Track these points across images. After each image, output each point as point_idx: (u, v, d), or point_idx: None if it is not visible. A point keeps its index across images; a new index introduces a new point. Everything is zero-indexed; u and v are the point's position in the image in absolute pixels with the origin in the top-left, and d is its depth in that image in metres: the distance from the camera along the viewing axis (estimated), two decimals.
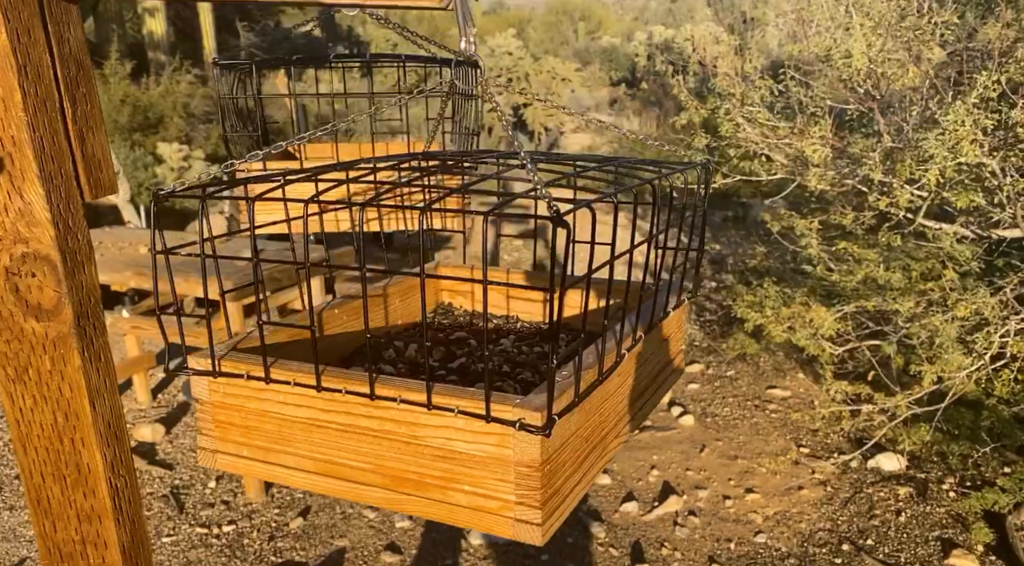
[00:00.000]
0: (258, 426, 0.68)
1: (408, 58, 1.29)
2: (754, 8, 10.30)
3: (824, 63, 3.25)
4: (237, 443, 0.69)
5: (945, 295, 2.62)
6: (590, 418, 0.67)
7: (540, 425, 0.56)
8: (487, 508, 0.61)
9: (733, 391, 4.46)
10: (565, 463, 0.62)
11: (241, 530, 3.26)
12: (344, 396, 0.63)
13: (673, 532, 3.23)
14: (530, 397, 0.59)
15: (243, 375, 0.66)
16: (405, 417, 0.62)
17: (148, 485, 3.62)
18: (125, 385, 4.48)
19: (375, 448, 0.64)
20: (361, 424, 0.63)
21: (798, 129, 3.09)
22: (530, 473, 0.58)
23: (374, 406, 0.62)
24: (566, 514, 0.62)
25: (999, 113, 2.41)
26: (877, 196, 2.73)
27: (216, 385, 0.68)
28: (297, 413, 0.66)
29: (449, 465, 0.61)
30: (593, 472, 0.68)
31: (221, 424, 0.69)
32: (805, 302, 3.44)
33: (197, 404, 0.71)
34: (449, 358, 0.89)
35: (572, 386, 0.61)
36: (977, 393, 3.20)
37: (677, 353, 0.91)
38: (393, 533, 3.20)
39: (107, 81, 8.87)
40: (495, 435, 0.58)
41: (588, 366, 0.65)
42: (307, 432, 0.66)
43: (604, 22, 22.61)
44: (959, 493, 3.34)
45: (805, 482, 3.54)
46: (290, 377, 0.65)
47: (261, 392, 0.67)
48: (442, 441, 0.61)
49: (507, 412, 0.57)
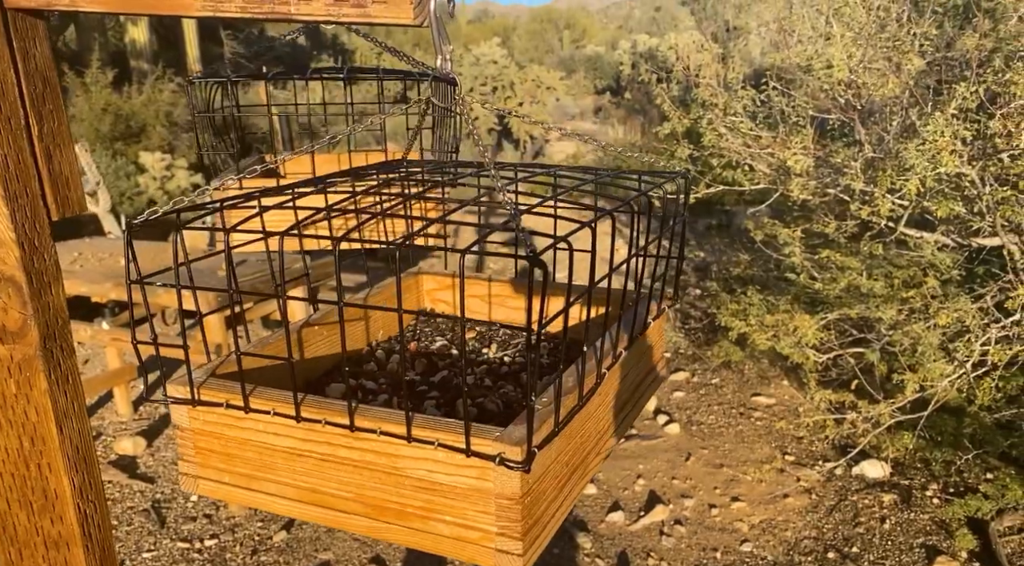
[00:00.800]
0: (239, 453, 0.67)
1: (385, 72, 1.29)
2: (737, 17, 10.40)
3: (805, 73, 3.29)
4: (219, 469, 0.68)
5: (927, 303, 2.65)
6: (571, 442, 0.67)
7: (520, 460, 0.55)
8: (469, 538, 0.60)
9: (718, 399, 4.47)
10: (546, 491, 0.62)
11: (224, 544, 3.22)
12: (324, 426, 0.62)
13: (659, 542, 3.23)
14: (510, 430, 0.58)
15: (222, 404, 0.65)
16: (385, 448, 0.61)
17: (129, 499, 3.57)
18: (106, 397, 4.43)
19: (356, 478, 0.63)
20: (341, 454, 0.63)
21: (780, 139, 3.11)
22: (510, 506, 0.57)
23: (354, 437, 0.62)
24: (548, 539, 0.62)
25: (977, 123, 2.44)
26: (859, 205, 2.76)
27: (196, 413, 0.67)
28: (277, 442, 0.66)
29: (430, 496, 0.61)
30: (574, 494, 0.68)
31: (202, 451, 0.69)
32: (788, 310, 3.46)
33: (178, 431, 0.70)
34: (431, 370, 0.89)
35: (552, 415, 0.61)
36: (959, 400, 3.23)
37: (658, 361, 0.91)
38: (378, 546, 3.18)
39: (88, 90, 8.80)
40: (476, 468, 0.58)
41: (568, 390, 0.65)
42: (288, 460, 0.66)
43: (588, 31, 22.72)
44: (942, 500, 3.37)
45: (790, 490, 3.55)
46: (269, 406, 0.64)
47: (241, 420, 0.66)
48: (423, 473, 0.61)
49: (487, 446, 0.57)
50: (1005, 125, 2.08)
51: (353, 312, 0.96)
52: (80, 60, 10.51)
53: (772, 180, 3.17)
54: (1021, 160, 2.22)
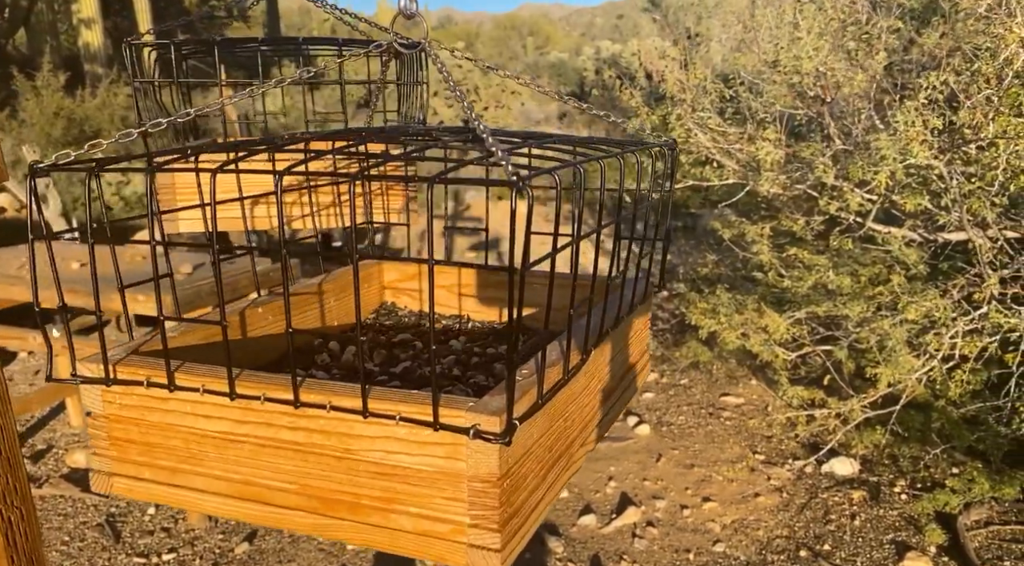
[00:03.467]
0: (162, 442, 0.57)
1: (345, 42, 1.19)
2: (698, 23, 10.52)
3: (772, 69, 3.27)
4: (137, 463, 0.58)
5: (896, 298, 2.63)
6: (554, 423, 0.58)
7: (499, 432, 0.46)
8: (436, 533, 0.51)
9: (687, 399, 4.44)
10: (527, 476, 0.53)
11: (183, 558, 3.07)
12: (263, 404, 0.52)
13: (632, 544, 3.16)
14: (485, 400, 0.50)
15: (142, 382, 0.55)
16: (336, 427, 0.52)
17: (82, 514, 3.40)
18: (59, 409, 4.23)
19: (300, 465, 0.53)
20: (283, 437, 0.53)
21: (748, 135, 3.08)
22: (487, 489, 0.48)
23: (299, 415, 0.52)
24: (529, 535, 0.53)
25: (943, 116, 2.43)
26: (828, 200, 2.73)
27: (111, 395, 0.57)
28: (208, 426, 0.56)
29: (390, 483, 0.51)
30: (558, 486, 0.59)
31: (118, 441, 0.58)
32: (757, 308, 3.43)
33: (88, 418, 0.60)
34: (392, 362, 0.79)
35: (535, 386, 0.52)
36: (926, 396, 3.22)
37: (643, 350, 0.83)
38: (344, 555, 3.06)
39: (39, 93, 8.52)
40: (445, 445, 0.49)
41: (552, 364, 0.56)
42: (220, 448, 0.56)
43: (552, 37, 22.82)
44: (910, 495, 3.36)
45: (761, 489, 3.52)
46: (198, 383, 0.54)
47: (165, 402, 0.56)
48: (381, 455, 0.51)
49: (459, 418, 0.48)
50: (974, 115, 2.06)
51: (305, 300, 0.86)
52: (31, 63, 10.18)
53: (741, 176, 3.14)
54: (989, 151, 2.21)
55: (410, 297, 0.97)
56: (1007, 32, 2.05)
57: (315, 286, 0.83)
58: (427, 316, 0.95)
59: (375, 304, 0.98)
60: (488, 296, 0.92)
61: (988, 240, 2.61)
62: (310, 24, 13.56)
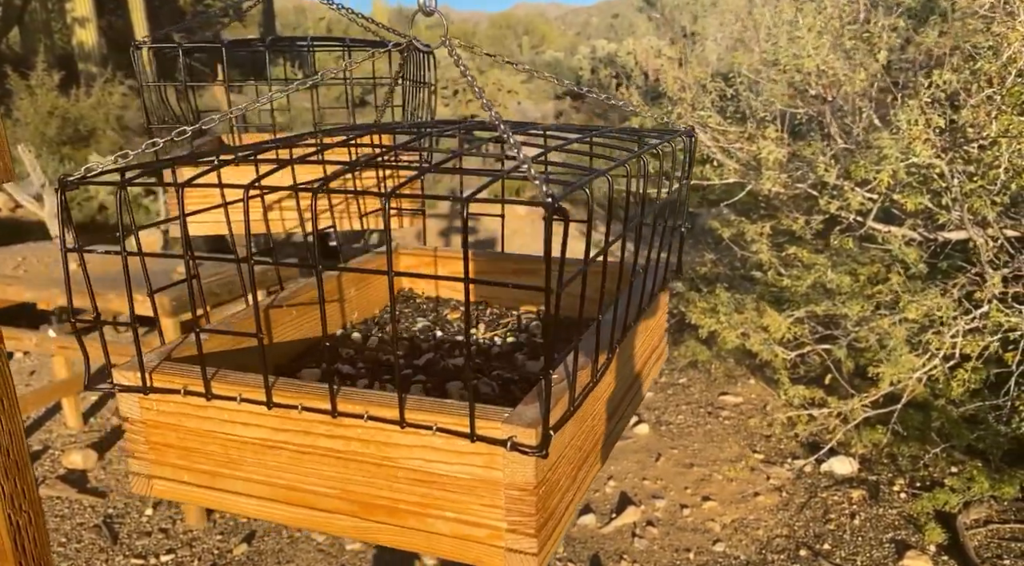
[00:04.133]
0: (200, 448, 0.58)
1: (353, 42, 1.20)
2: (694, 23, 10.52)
3: (771, 67, 3.28)
4: (176, 467, 0.59)
5: (897, 298, 2.64)
6: (583, 424, 0.59)
7: (535, 444, 0.47)
8: (474, 537, 0.52)
9: (686, 399, 4.45)
10: (560, 480, 0.54)
11: (181, 559, 3.07)
12: (300, 413, 0.53)
13: (632, 544, 3.17)
14: (520, 410, 0.50)
15: (179, 391, 0.56)
16: (374, 436, 0.52)
17: (79, 515, 3.39)
18: (54, 409, 4.22)
19: (340, 471, 0.54)
20: (322, 444, 0.54)
21: (748, 134, 3.09)
22: (523, 497, 0.49)
23: (336, 424, 0.53)
24: (562, 535, 0.54)
25: (944, 115, 2.44)
26: (828, 199, 2.74)
27: (148, 402, 0.58)
28: (246, 433, 0.56)
29: (427, 489, 0.52)
30: (587, 483, 0.60)
31: (156, 446, 0.59)
32: (756, 307, 3.44)
33: (126, 424, 0.60)
34: (414, 353, 0.80)
35: (567, 392, 0.53)
36: (925, 395, 3.24)
37: (662, 337, 0.84)
38: (343, 556, 3.06)
39: (33, 92, 8.49)
40: (482, 455, 0.50)
41: (581, 366, 0.57)
42: (259, 454, 0.56)
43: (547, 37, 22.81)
44: (909, 494, 3.38)
45: (761, 488, 3.53)
46: (235, 392, 0.55)
47: (202, 409, 0.57)
48: (419, 463, 0.52)
49: (495, 429, 0.49)
50: (977, 114, 2.08)
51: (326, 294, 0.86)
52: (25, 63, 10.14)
53: (742, 175, 3.15)
54: (991, 150, 2.23)
55: (426, 283, 0.98)
56: (1009, 31, 2.06)
57: (334, 278, 0.84)
58: (445, 303, 0.96)
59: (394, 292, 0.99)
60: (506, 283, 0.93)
61: (988, 239, 2.62)
62: (305, 23, 13.55)
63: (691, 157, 0.80)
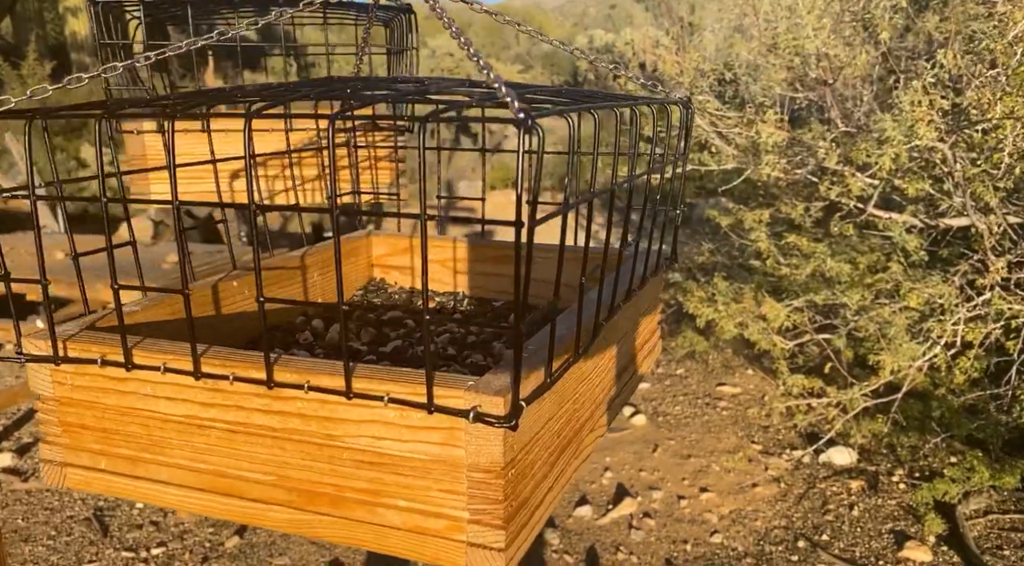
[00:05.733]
0: (120, 428, 0.50)
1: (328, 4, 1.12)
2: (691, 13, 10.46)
3: (771, 53, 3.20)
4: (93, 452, 0.51)
5: (897, 286, 2.58)
6: (563, 406, 0.52)
7: (503, 415, 0.40)
8: (431, 530, 0.45)
9: (683, 389, 4.40)
10: (534, 464, 0.47)
11: (172, 552, 3.01)
12: (232, 385, 0.46)
13: (628, 535, 3.12)
14: (487, 378, 0.43)
15: (96, 360, 0.48)
16: (316, 411, 0.45)
17: (68, 508, 3.33)
18: None
19: (276, 453, 0.47)
20: (256, 421, 0.47)
21: (747, 119, 3.02)
22: (488, 480, 0.42)
23: (274, 397, 0.46)
24: (536, 531, 0.47)
25: (946, 98, 2.37)
26: (828, 185, 2.67)
27: (61, 375, 0.50)
28: (171, 409, 0.49)
29: (377, 473, 0.45)
30: (567, 476, 0.53)
31: (70, 428, 0.51)
32: (755, 297, 3.38)
33: (37, 403, 0.53)
34: (381, 341, 0.73)
35: (543, 364, 0.45)
36: (925, 384, 3.18)
37: (655, 327, 0.77)
38: (337, 548, 3.00)
39: (25, 82, 8.39)
40: (440, 430, 0.42)
41: (560, 339, 0.50)
42: (185, 435, 0.49)
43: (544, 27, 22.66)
44: (909, 485, 3.33)
45: (759, 479, 3.48)
46: (159, 361, 0.48)
47: (122, 383, 0.49)
48: (367, 441, 0.45)
49: (457, 398, 0.41)
50: (982, 95, 2.01)
51: (286, 275, 0.79)
52: (16, 52, 10.02)
53: (740, 161, 3.08)
54: (995, 133, 2.16)
55: (400, 273, 0.91)
56: (1015, 9, 1.99)
57: (297, 259, 0.76)
58: (419, 294, 0.89)
59: (363, 280, 0.91)
60: (485, 271, 0.86)
61: (991, 225, 2.56)
62: None
63: (688, 130, 0.73)
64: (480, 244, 0.87)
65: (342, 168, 0.99)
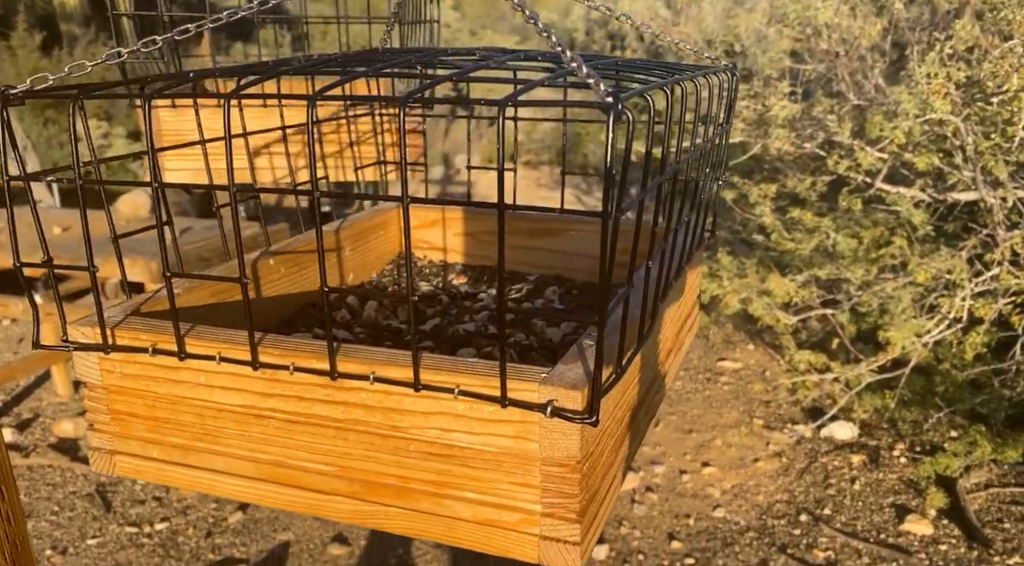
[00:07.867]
0: (172, 418, 0.49)
1: None
2: None
3: (776, 24, 3.16)
4: (143, 441, 0.50)
5: (905, 259, 2.57)
6: (625, 392, 0.50)
7: (580, 409, 0.38)
8: (501, 522, 0.43)
9: (685, 364, 4.41)
10: (603, 455, 0.45)
11: (175, 527, 3.02)
12: (292, 375, 0.44)
13: (631, 510, 3.14)
14: (560, 369, 0.41)
15: (147, 349, 0.47)
16: (381, 402, 0.44)
17: (71, 483, 3.33)
18: (44, 377, 4.14)
19: (338, 444, 0.45)
20: (318, 412, 0.45)
21: (754, 92, 2.99)
22: (564, 474, 0.41)
23: (336, 387, 0.44)
24: (604, 521, 0.46)
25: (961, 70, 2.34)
26: (837, 159, 2.65)
27: (110, 363, 0.49)
28: (226, 399, 0.47)
29: (445, 465, 0.44)
30: (625, 464, 0.52)
31: (119, 416, 0.50)
32: (759, 271, 3.37)
33: (85, 389, 0.51)
34: (419, 318, 0.71)
35: (615, 350, 0.44)
36: (928, 358, 3.19)
37: (695, 300, 0.75)
38: (340, 524, 3.01)
39: (15, 53, 8.24)
40: (512, 423, 0.41)
41: (632, 321, 0.48)
42: (242, 425, 0.47)
43: None
44: (910, 459, 3.36)
45: (760, 454, 3.50)
46: (214, 350, 0.46)
47: (174, 372, 0.48)
48: (435, 433, 0.43)
49: (531, 392, 0.40)
50: (999, 66, 1.98)
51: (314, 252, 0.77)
52: (5, 23, 9.84)
53: (748, 134, 3.05)
54: (1011, 105, 2.13)
55: (431, 247, 0.89)
56: None
57: (331, 234, 0.74)
58: (452, 268, 0.87)
59: (393, 254, 0.89)
60: (520, 245, 0.84)
61: (1000, 199, 2.54)
62: None
63: (733, 98, 0.70)
64: (513, 217, 0.85)
65: (366, 140, 0.96)
